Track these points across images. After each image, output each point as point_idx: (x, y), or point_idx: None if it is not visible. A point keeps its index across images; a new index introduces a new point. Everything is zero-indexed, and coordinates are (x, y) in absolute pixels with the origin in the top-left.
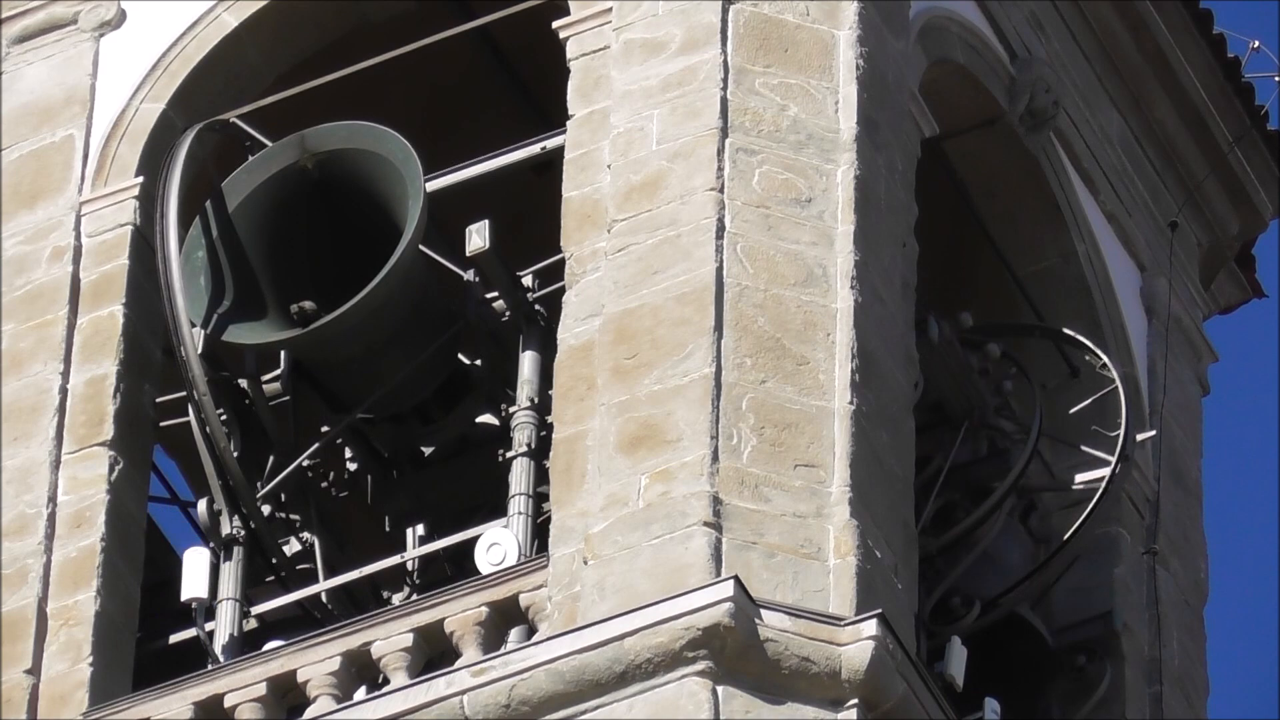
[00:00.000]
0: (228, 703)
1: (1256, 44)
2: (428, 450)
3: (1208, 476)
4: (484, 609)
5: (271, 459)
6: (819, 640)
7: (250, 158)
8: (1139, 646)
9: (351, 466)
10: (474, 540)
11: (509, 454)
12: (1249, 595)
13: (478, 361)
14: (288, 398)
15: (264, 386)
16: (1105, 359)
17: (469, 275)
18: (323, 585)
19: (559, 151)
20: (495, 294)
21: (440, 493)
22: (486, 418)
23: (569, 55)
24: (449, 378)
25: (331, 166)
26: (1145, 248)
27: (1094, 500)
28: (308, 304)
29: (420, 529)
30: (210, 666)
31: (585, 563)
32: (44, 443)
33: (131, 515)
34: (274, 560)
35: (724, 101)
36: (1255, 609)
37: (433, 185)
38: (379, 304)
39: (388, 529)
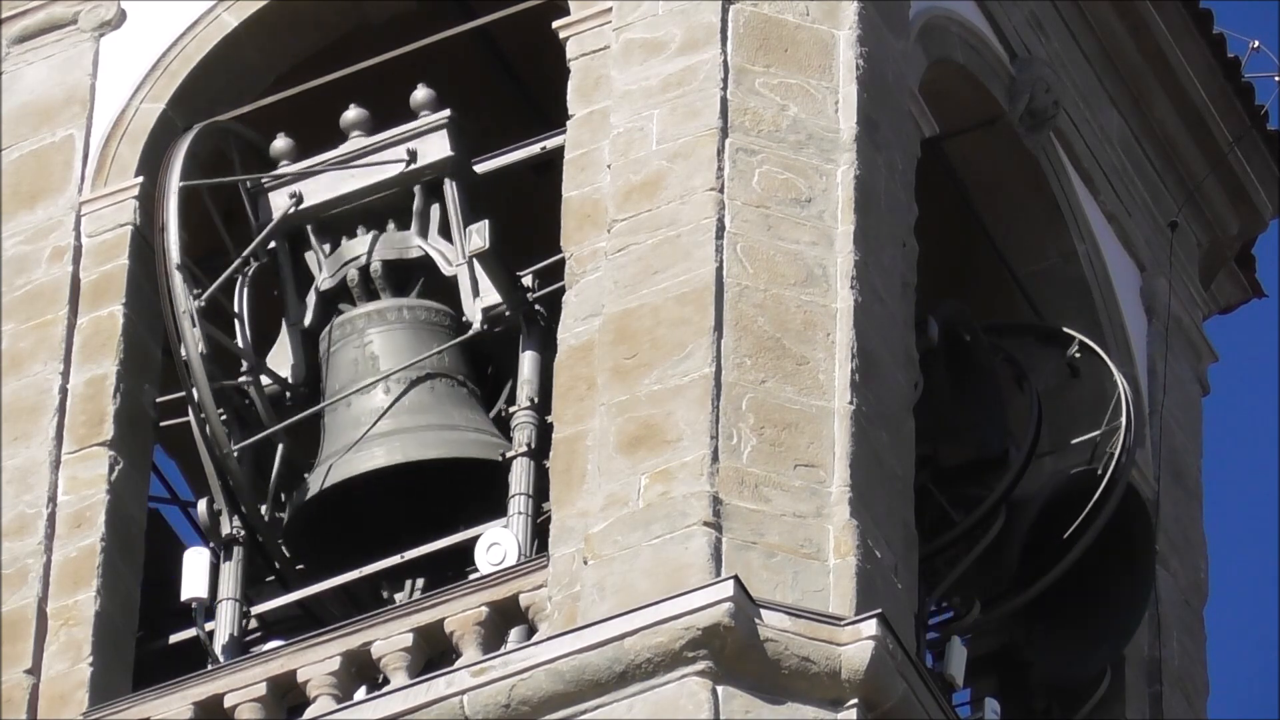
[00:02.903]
0: (228, 703)
1: (1256, 44)
2: None
3: (1208, 476)
4: (484, 609)
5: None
6: (819, 640)
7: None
8: (1139, 646)
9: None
10: (474, 540)
11: (509, 454)
12: (1249, 595)
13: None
14: (288, 397)
15: (265, 388)
16: (1107, 359)
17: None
18: (322, 585)
19: (559, 151)
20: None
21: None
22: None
23: (569, 55)
24: None
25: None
26: (1145, 248)
27: (1091, 501)
28: None
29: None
30: (210, 666)
31: (585, 563)
32: (44, 443)
33: (131, 515)
34: (274, 560)
35: (724, 101)
36: (1255, 609)
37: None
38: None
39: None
